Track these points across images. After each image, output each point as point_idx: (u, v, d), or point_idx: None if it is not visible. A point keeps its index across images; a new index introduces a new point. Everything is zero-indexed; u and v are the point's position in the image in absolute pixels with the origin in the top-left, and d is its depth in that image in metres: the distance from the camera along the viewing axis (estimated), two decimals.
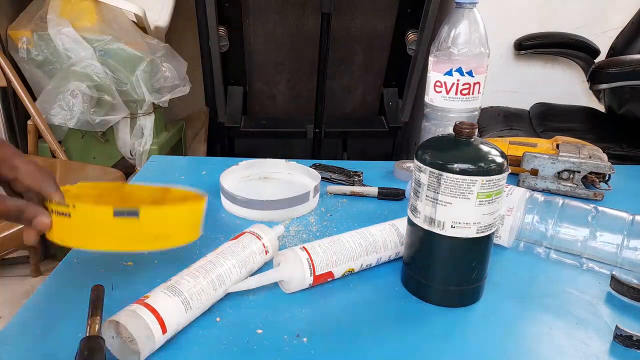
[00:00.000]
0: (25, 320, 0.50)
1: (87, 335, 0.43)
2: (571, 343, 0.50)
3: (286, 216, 0.72)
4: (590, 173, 0.80)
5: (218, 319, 0.51)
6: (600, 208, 0.62)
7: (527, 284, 0.59)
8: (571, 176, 0.81)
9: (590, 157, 0.81)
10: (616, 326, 0.49)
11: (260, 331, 0.50)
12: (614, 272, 0.57)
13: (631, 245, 0.58)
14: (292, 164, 0.84)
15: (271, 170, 0.85)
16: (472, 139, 0.51)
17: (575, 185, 0.80)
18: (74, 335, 0.47)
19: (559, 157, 0.80)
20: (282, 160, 0.84)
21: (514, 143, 0.87)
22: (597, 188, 0.80)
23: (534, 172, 0.82)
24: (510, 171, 0.51)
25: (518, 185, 0.83)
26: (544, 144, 0.88)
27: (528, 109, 1.71)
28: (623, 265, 0.59)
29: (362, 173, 0.85)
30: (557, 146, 0.85)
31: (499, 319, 0.53)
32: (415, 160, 0.52)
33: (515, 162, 0.85)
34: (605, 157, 0.82)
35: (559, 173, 0.81)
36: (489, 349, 0.49)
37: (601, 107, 1.72)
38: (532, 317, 0.54)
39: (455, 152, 0.51)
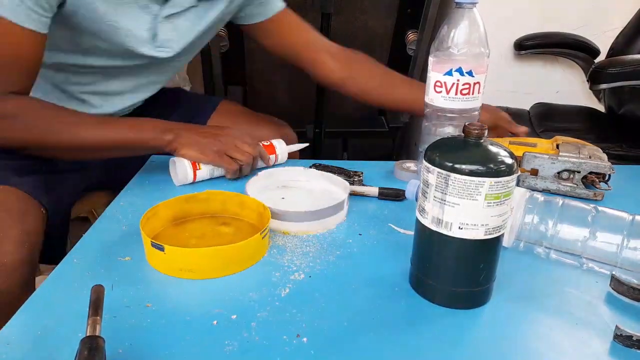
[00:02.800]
0: (25, 320, 0.51)
1: (87, 335, 0.43)
2: (571, 343, 0.50)
3: (321, 227, 0.69)
4: (590, 173, 0.80)
5: (215, 322, 0.51)
6: (600, 208, 0.62)
7: (527, 284, 0.59)
8: (571, 176, 0.81)
9: (590, 157, 0.81)
10: (616, 326, 0.49)
11: (259, 331, 0.50)
12: (614, 272, 0.57)
13: (631, 246, 0.58)
14: (311, 171, 0.82)
15: (289, 179, 0.82)
16: (482, 140, 0.51)
17: (575, 185, 0.80)
18: (74, 335, 0.47)
19: (559, 157, 0.80)
20: (300, 168, 0.82)
21: (513, 143, 0.87)
22: (597, 188, 0.80)
23: (534, 172, 0.82)
24: (520, 172, 0.51)
25: (517, 185, 0.83)
26: (543, 144, 0.88)
27: (528, 109, 1.71)
28: (623, 265, 0.59)
29: (362, 173, 0.85)
30: (557, 146, 0.85)
31: (498, 318, 0.53)
32: (424, 161, 0.52)
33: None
34: (605, 156, 0.82)
35: (558, 173, 0.81)
36: (488, 348, 0.49)
37: (601, 107, 1.72)
38: (532, 317, 0.54)
39: (464, 153, 0.51)
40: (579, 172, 0.80)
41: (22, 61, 0.75)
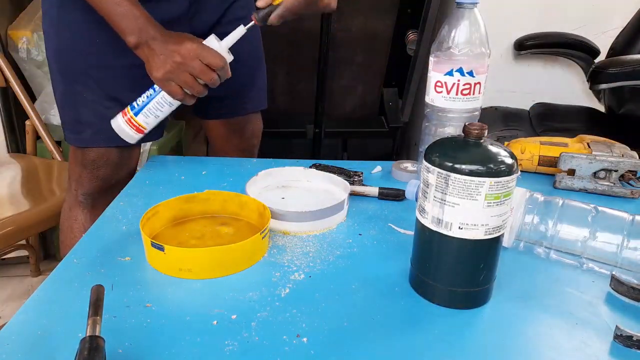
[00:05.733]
0: (25, 320, 0.50)
1: (87, 335, 0.43)
2: (571, 343, 0.50)
3: (321, 227, 0.70)
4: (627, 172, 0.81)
5: (215, 322, 0.51)
6: (600, 208, 0.62)
7: (527, 284, 0.59)
8: (607, 175, 0.81)
9: (622, 155, 0.81)
10: (616, 326, 0.49)
11: (259, 331, 0.50)
12: (614, 272, 0.57)
13: (631, 246, 0.58)
14: (311, 171, 0.82)
15: (289, 179, 0.82)
16: (482, 140, 0.51)
17: (612, 184, 0.81)
18: (74, 335, 0.47)
19: (597, 157, 0.80)
20: (300, 168, 0.82)
21: (545, 143, 0.87)
22: (633, 186, 0.81)
23: (571, 172, 0.82)
24: (519, 173, 0.51)
25: (554, 186, 0.83)
26: (575, 144, 0.87)
27: (528, 109, 1.71)
28: (623, 265, 0.59)
29: (362, 173, 0.85)
30: (588, 145, 0.85)
31: (498, 319, 0.53)
32: (424, 161, 0.52)
33: (548, 162, 0.85)
34: (635, 154, 0.83)
35: (595, 172, 0.81)
36: (488, 349, 0.49)
37: (601, 107, 1.72)
38: (532, 317, 0.54)
39: (464, 153, 0.51)
40: (616, 170, 0.80)
41: None
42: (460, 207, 0.50)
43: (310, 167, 0.85)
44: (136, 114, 0.79)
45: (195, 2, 0.88)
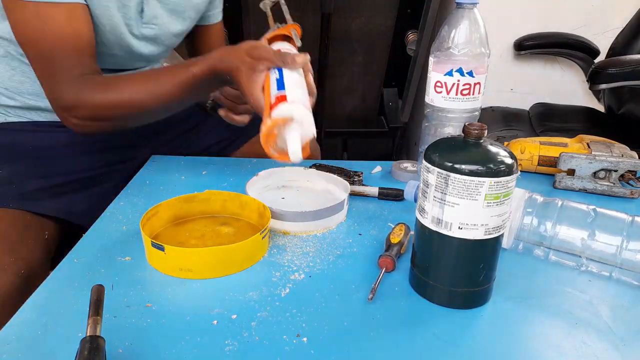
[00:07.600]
0: (25, 320, 0.51)
1: (88, 335, 0.43)
2: (571, 343, 0.50)
3: (321, 227, 0.70)
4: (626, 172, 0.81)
5: (215, 322, 0.51)
6: (599, 209, 0.62)
7: (526, 285, 0.59)
8: (607, 175, 0.81)
9: (622, 156, 0.81)
10: None
11: (259, 331, 0.50)
12: (614, 273, 0.57)
13: (631, 247, 0.58)
14: (311, 172, 0.82)
15: (289, 179, 0.82)
16: (481, 140, 0.51)
17: (612, 184, 0.81)
18: (74, 335, 0.47)
19: (596, 157, 0.81)
20: (300, 168, 0.82)
21: (545, 143, 0.87)
22: (633, 186, 0.81)
23: (570, 172, 0.82)
24: (519, 173, 0.51)
25: (554, 186, 0.84)
26: (574, 144, 0.87)
27: (528, 109, 1.71)
28: (623, 266, 0.59)
29: (362, 173, 0.85)
30: (588, 145, 0.85)
31: (498, 319, 0.53)
32: (424, 161, 0.52)
33: (548, 162, 0.85)
34: (635, 154, 0.83)
35: (595, 172, 0.81)
36: (488, 348, 0.49)
37: (601, 107, 1.72)
38: (532, 318, 0.54)
39: (464, 153, 0.51)
40: (615, 170, 0.80)
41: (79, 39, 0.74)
42: (460, 207, 0.50)
43: (310, 167, 0.85)
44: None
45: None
